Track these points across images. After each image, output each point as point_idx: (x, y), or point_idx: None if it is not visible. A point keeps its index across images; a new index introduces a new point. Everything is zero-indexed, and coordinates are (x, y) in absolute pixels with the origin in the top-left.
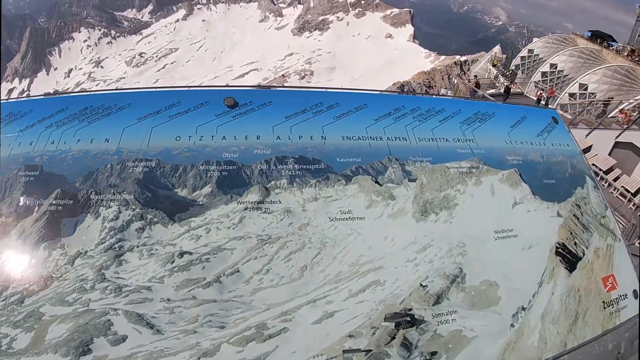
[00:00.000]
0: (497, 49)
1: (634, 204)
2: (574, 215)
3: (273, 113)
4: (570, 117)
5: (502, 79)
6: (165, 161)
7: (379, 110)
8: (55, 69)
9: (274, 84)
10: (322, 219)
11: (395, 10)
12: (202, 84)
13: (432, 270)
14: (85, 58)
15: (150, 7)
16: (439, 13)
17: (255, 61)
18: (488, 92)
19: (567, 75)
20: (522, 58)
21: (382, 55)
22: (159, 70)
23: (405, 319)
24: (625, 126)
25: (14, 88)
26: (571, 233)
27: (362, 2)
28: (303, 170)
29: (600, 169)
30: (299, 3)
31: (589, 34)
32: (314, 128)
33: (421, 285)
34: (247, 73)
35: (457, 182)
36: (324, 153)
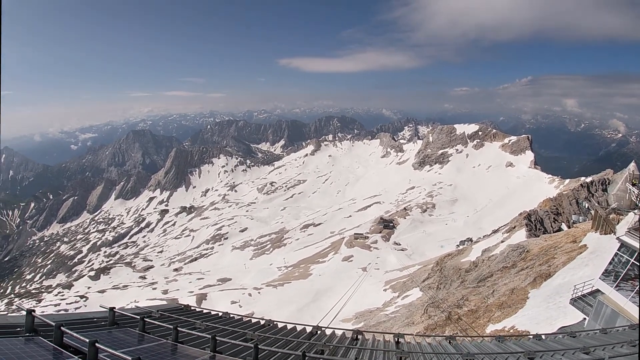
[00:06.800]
0: (632, 166)
1: None
2: None
3: None
4: None
5: None
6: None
7: None
8: (194, 187)
9: (396, 217)
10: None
11: (513, 138)
12: (326, 214)
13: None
14: (221, 181)
15: (282, 142)
16: (556, 135)
17: (377, 194)
18: None
19: None
20: None
21: (504, 184)
22: (287, 199)
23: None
24: None
25: (154, 197)
26: None
27: (480, 133)
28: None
29: None
30: (419, 139)
31: None
32: None
33: None
34: (370, 206)
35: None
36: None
